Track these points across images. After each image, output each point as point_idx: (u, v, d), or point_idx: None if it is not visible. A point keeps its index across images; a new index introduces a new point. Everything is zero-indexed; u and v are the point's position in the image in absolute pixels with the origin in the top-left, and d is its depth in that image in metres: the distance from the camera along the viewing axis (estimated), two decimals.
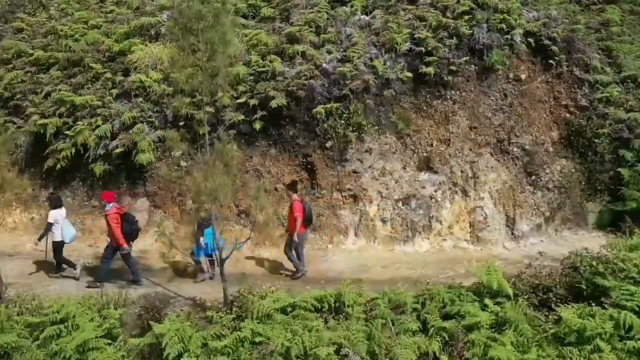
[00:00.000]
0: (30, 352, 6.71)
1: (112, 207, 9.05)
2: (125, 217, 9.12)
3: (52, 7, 15.25)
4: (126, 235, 8.95)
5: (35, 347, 6.80)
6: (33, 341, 6.89)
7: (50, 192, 10.50)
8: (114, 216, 8.91)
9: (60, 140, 11.81)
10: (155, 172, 11.55)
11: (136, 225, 9.33)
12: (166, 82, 11.89)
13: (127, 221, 9.09)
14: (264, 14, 12.88)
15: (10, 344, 6.63)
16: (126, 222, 9.04)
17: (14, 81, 13.23)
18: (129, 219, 9.18)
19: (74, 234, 9.80)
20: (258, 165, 11.21)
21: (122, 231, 8.90)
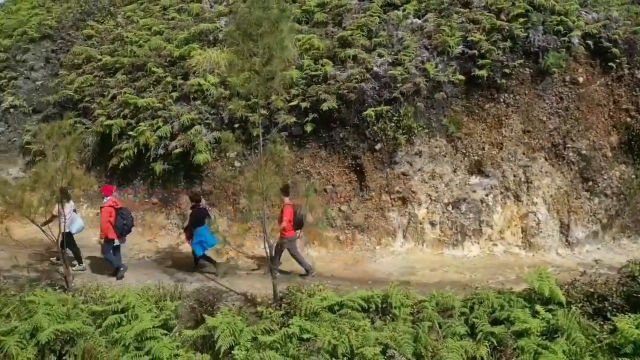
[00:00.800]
0: (94, 338, 7.09)
1: (108, 200, 9.35)
2: (120, 212, 9.27)
3: (120, 15, 16.07)
4: (118, 229, 9.19)
5: (98, 334, 7.17)
6: (96, 328, 7.27)
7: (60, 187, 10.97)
8: (107, 209, 9.20)
9: (124, 140, 12.43)
10: (211, 171, 11.92)
11: (129, 221, 9.49)
12: (223, 86, 12.27)
13: (121, 216, 9.24)
14: (317, 19, 13.03)
15: (76, 330, 7.04)
16: (120, 216, 9.20)
17: (83, 84, 14.06)
18: (123, 214, 9.32)
19: (81, 226, 10.00)
20: (308, 167, 11.36)
21: (115, 225, 9.13)
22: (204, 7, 15.08)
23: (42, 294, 7.68)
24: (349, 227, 10.69)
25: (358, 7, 12.95)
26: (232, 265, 8.62)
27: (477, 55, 10.91)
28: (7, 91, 15.47)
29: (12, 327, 6.94)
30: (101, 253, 9.84)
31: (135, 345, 6.89)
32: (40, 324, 6.88)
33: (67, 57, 15.35)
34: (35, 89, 15.44)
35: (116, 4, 16.65)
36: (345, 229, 10.69)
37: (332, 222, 10.65)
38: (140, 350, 6.80)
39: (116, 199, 9.84)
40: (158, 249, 11.10)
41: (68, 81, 14.50)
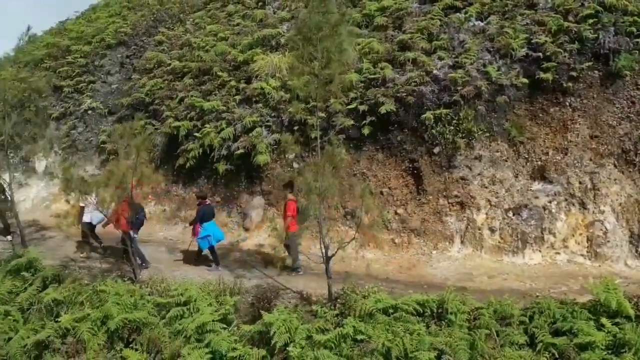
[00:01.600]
0: (158, 328, 7.43)
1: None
2: (133, 206, 9.33)
3: (188, 22, 16.75)
4: (130, 223, 9.38)
5: (162, 325, 7.51)
6: (160, 319, 7.62)
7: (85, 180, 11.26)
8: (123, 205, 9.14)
9: (190, 141, 12.93)
10: (271, 172, 12.17)
11: (141, 215, 9.88)
12: (283, 89, 12.51)
13: (134, 210, 9.39)
14: (377, 22, 12.99)
15: (142, 319, 7.41)
16: (132, 210, 9.32)
17: (154, 88, 14.76)
18: (136, 208, 9.50)
19: (101, 217, 10.19)
20: (365, 169, 11.34)
21: (131, 219, 9.32)
22: (267, 13, 15.42)
23: (112, 285, 8.14)
24: (404, 230, 10.57)
25: (419, 10, 12.80)
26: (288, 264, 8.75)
27: (542, 57, 10.46)
28: (86, 94, 16.52)
29: (85, 314, 7.41)
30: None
31: (196, 337, 7.13)
32: (110, 312, 7.30)
33: (140, 62, 16.18)
34: (111, 92, 16.37)
35: (185, 12, 17.36)
36: (401, 232, 10.58)
37: (387, 225, 10.57)
38: (201, 342, 7.04)
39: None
40: (219, 245, 11.43)
41: (140, 85, 15.28)
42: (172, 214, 13.10)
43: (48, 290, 8.13)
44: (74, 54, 17.79)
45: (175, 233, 12.15)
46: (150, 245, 11.33)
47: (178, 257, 10.77)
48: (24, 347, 7.26)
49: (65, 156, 15.78)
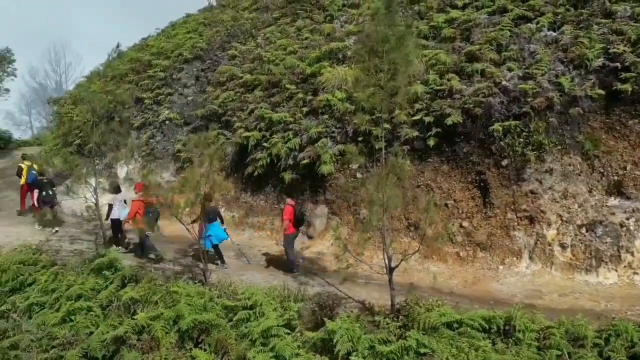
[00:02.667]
0: (225, 330, 7.61)
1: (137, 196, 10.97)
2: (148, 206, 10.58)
3: (260, 37, 17.28)
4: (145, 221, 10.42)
5: (229, 327, 7.68)
6: (228, 321, 7.80)
7: (111, 180, 12.72)
8: (137, 203, 10.75)
9: (259, 150, 13.28)
10: (335, 182, 12.24)
11: (155, 214, 10.86)
12: (349, 101, 12.57)
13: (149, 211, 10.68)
14: (445, 34, 12.79)
15: (211, 321, 7.62)
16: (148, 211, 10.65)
17: (226, 100, 15.33)
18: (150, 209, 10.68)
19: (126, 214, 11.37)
20: (429, 181, 11.14)
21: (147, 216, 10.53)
22: (334, 27, 15.62)
23: (184, 286, 8.47)
24: (470, 243, 10.25)
25: (487, 21, 12.48)
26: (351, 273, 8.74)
27: (620, 68, 9.85)
28: (164, 105, 17.43)
29: (159, 313, 7.75)
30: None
31: (261, 341, 7.23)
32: (181, 312, 7.59)
33: (214, 76, 16.87)
34: (187, 104, 17.17)
35: (257, 27, 17.93)
36: (466, 245, 10.27)
37: (452, 238, 10.31)
38: (266, 346, 7.13)
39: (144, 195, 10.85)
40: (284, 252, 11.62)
41: (214, 97, 15.92)
42: (240, 220, 13.48)
43: (126, 289, 8.58)
44: (154, 68, 18.85)
45: (243, 238, 12.47)
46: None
47: (246, 261, 11.03)
48: (103, 342, 7.69)
49: (144, 163, 16.68)
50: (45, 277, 9.38)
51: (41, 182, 13.68)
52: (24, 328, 8.24)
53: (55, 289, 9.01)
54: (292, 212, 10.15)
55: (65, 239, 12.25)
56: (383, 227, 7.14)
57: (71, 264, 10.04)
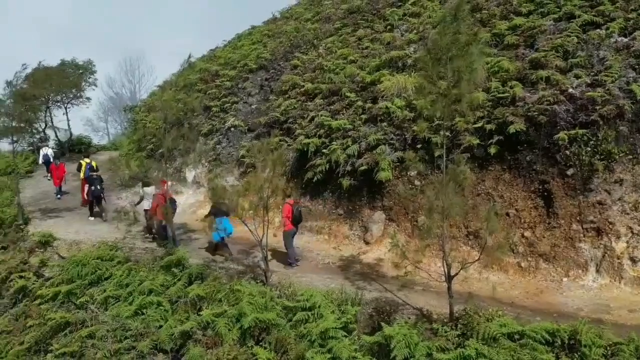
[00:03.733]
0: (285, 330, 7.72)
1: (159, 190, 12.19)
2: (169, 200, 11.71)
3: (321, 47, 17.48)
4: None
5: (288, 327, 7.79)
6: (287, 321, 7.93)
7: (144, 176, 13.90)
8: (159, 196, 11.91)
9: (318, 157, 13.39)
10: (392, 188, 12.12)
11: (175, 206, 12.14)
12: (408, 108, 12.44)
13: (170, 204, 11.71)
14: (508, 41, 12.40)
15: (271, 320, 7.77)
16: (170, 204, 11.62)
17: (288, 108, 15.60)
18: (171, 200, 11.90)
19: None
20: (490, 189, 10.79)
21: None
22: (395, 36, 15.52)
23: (246, 285, 8.69)
24: (532, 254, 9.82)
25: (553, 28, 11.97)
26: (408, 280, 8.61)
27: None
28: (229, 113, 18.00)
29: (222, 310, 7.99)
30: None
31: (319, 342, 7.29)
32: (244, 310, 7.79)
33: (277, 85, 17.24)
34: (251, 112, 17.63)
35: (319, 37, 18.15)
36: (528, 256, 9.84)
37: (513, 248, 9.92)
38: (323, 347, 7.18)
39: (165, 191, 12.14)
40: (341, 256, 11.64)
41: (276, 105, 16.25)
42: None
43: (193, 286, 8.92)
44: (222, 77, 19.53)
45: (302, 242, 12.59)
46: (280, 252, 11.88)
47: (305, 264, 11.15)
48: (171, 335, 8.02)
49: (210, 168, 17.27)
50: (120, 272, 9.93)
51: (91, 178, 15.22)
52: (100, 319, 8.75)
53: (129, 283, 9.52)
54: (290, 210, 10.85)
55: (138, 237, 12.87)
56: (442, 235, 6.98)
57: (143, 261, 10.58)
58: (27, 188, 19.86)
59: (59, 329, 8.93)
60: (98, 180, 15.18)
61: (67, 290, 9.81)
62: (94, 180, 15.07)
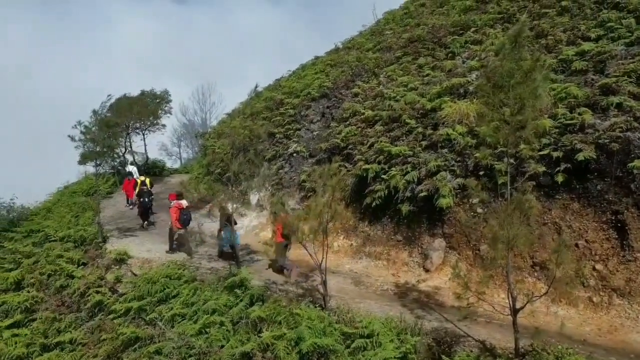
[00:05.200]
0: (343, 357, 7.47)
1: (174, 203, 13.36)
2: (183, 211, 13.22)
3: (382, 75, 17.51)
4: (180, 221, 13.19)
5: (346, 354, 7.54)
6: (345, 348, 7.70)
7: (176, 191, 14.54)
8: (174, 209, 13.21)
9: (377, 182, 13.24)
10: (453, 216, 11.71)
11: (187, 216, 13.37)
12: (470, 135, 12.10)
13: (183, 213, 13.22)
14: (575, 67, 11.81)
15: (330, 346, 7.58)
16: (182, 214, 13.20)
17: (348, 134, 15.63)
18: (184, 212, 13.26)
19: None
20: (557, 219, 10.16)
21: (179, 219, 13.13)
22: (456, 64, 15.28)
23: (305, 309, 8.59)
24: (604, 288, 9.06)
25: (625, 53, 11.29)
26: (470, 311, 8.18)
27: None
28: (292, 139, 18.33)
29: (282, 333, 7.92)
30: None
31: None
32: (302, 335, 7.67)
33: (338, 112, 17.38)
34: (312, 138, 17.86)
35: (380, 66, 18.21)
36: (600, 290, 9.09)
37: (584, 281, 9.21)
38: None
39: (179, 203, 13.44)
40: (400, 283, 11.31)
41: (337, 131, 16.34)
42: (357, 248, 13.46)
43: (254, 307, 8.94)
44: (286, 105, 20.00)
45: (360, 267, 12.41)
46: (338, 276, 11.76)
47: (362, 289, 10.93)
48: (232, 356, 8.02)
49: (273, 191, 17.56)
50: (187, 291, 10.18)
51: (142, 191, 17.03)
52: (167, 336, 8.96)
53: (194, 302, 9.72)
54: (282, 226, 11.20)
55: (204, 258, 13.21)
56: (507, 266, 6.59)
57: (208, 281, 10.79)
58: (107, 208, 21.05)
59: (130, 344, 9.24)
60: (147, 194, 16.91)
61: (138, 307, 10.17)
62: (144, 193, 16.82)
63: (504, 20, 16.53)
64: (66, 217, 17.79)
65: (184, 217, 13.32)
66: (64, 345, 10.01)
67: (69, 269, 12.45)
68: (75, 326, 10.68)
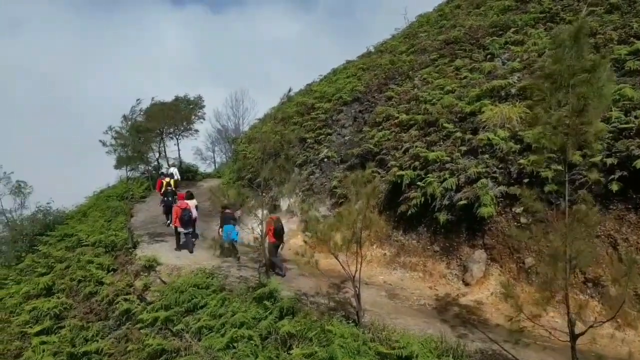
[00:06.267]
0: None
1: (178, 203, 14.35)
2: (184, 210, 13.82)
3: (416, 78, 16.77)
4: (181, 220, 13.72)
5: None
6: None
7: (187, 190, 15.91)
8: (176, 209, 13.88)
9: (412, 189, 12.56)
10: (495, 225, 10.92)
11: (188, 216, 13.87)
12: (513, 140, 11.30)
13: (184, 213, 13.77)
14: (629, 67, 10.88)
15: None
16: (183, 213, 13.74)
17: (382, 139, 14.98)
18: (185, 211, 13.83)
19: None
20: (612, 231, 9.24)
21: (180, 218, 13.67)
22: (496, 65, 14.44)
23: (338, 326, 7.97)
24: None
25: None
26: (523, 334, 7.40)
27: None
28: (323, 144, 17.78)
29: (313, 351, 7.36)
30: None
31: None
32: (335, 354, 7.08)
33: (370, 116, 16.74)
34: (344, 143, 17.27)
35: (414, 69, 17.48)
36: None
37: None
38: None
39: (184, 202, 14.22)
40: (438, 297, 10.58)
41: (369, 136, 15.71)
42: (391, 258, 12.78)
43: (283, 322, 8.41)
44: (317, 110, 19.48)
45: (394, 278, 11.74)
46: (371, 288, 11.11)
47: (398, 303, 10.25)
48: None
49: (303, 197, 17.05)
50: (215, 302, 9.74)
51: (166, 191, 17.65)
52: (194, 349, 8.54)
53: (222, 314, 9.26)
54: (273, 225, 11.81)
55: (234, 265, 12.79)
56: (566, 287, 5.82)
57: (237, 290, 10.33)
58: (140, 212, 21.02)
59: (156, 356, 8.88)
60: (171, 193, 17.53)
61: (165, 317, 9.81)
62: (168, 193, 17.44)
63: (546, 19, 15.57)
64: (99, 221, 17.76)
65: (184, 216, 13.82)
66: (91, 356, 9.74)
67: (99, 275, 12.25)
68: (103, 335, 10.42)
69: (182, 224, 13.80)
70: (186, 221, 13.85)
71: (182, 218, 13.73)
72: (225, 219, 13.25)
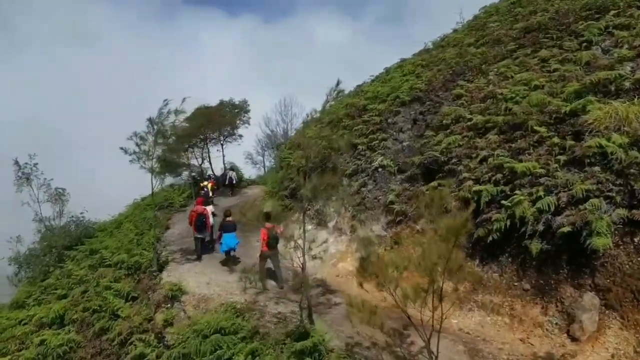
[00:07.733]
0: None
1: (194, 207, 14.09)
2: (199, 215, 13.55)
3: (491, 72, 14.02)
4: (196, 226, 13.57)
5: None
6: None
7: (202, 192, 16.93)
8: (192, 213, 13.78)
9: (494, 209, 9.99)
10: (611, 261, 8.21)
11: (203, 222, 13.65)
12: (635, 148, 8.54)
13: (199, 218, 13.52)
14: None
15: None
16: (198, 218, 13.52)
17: (450, 146, 12.40)
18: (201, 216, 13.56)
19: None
20: None
21: (195, 223, 13.50)
22: (595, 54, 11.58)
23: None
24: None
25: None
26: None
27: None
28: (377, 151, 15.34)
29: None
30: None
31: None
32: None
33: (435, 118, 14.17)
34: (401, 150, 14.78)
35: (488, 62, 14.76)
36: None
37: None
38: None
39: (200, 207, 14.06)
40: (535, 355, 7.97)
41: (434, 142, 13.16)
42: (466, 295, 10.17)
43: None
44: (369, 112, 17.07)
45: (472, 324, 9.21)
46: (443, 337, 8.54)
47: None
48: None
49: (354, 213, 14.69)
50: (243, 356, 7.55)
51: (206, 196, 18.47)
52: None
53: None
54: (267, 234, 11.00)
55: (272, 298, 10.62)
56: None
57: (272, 336, 8.13)
58: (177, 223, 19.47)
59: None
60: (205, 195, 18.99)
61: None
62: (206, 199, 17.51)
63: None
64: (129, 235, 16.15)
65: (198, 221, 13.58)
66: None
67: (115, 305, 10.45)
68: None
69: (197, 229, 13.63)
70: (200, 226, 13.64)
71: (196, 223, 13.57)
72: (226, 227, 13.03)
